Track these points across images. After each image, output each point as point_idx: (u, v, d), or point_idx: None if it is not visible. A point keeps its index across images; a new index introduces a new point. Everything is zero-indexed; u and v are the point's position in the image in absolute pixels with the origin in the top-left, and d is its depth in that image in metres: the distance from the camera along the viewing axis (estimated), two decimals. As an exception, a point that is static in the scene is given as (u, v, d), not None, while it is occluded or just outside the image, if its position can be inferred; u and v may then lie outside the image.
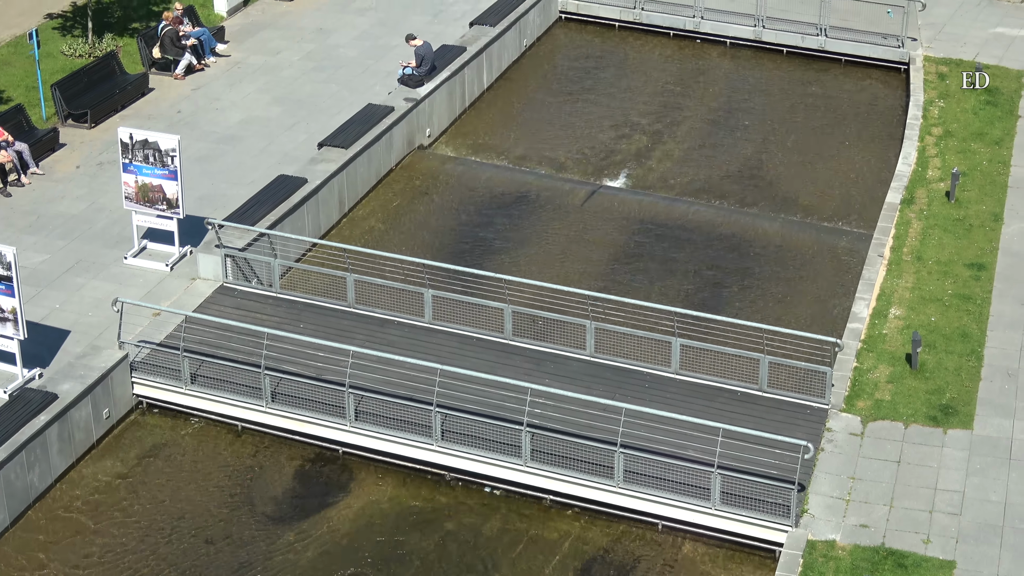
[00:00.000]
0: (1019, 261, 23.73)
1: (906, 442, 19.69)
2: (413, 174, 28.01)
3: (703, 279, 24.78)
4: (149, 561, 18.87)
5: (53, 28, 31.21)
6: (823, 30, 32.21)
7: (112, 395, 21.03)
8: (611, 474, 19.21)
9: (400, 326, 22.42)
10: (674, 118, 30.54)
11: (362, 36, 31.53)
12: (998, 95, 29.05)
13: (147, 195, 23.20)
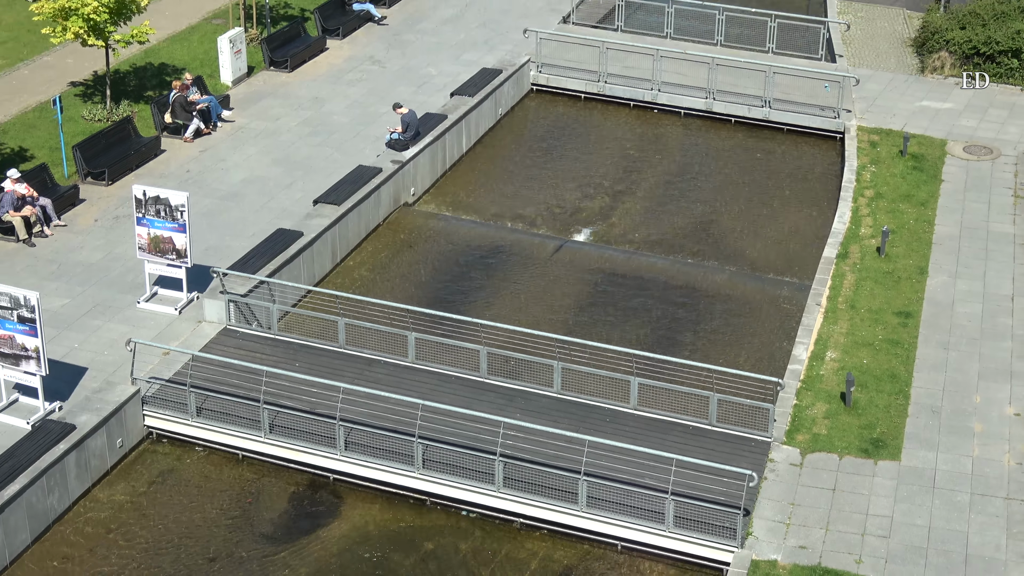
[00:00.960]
0: (942, 310, 23.94)
1: (840, 472, 19.83)
2: (399, 229, 28.10)
3: (659, 324, 24.88)
4: (153, 572, 18.97)
5: (75, 95, 31.25)
6: (768, 102, 32.40)
7: (125, 426, 21.04)
8: (575, 499, 19.28)
9: (386, 365, 22.45)
10: (633, 179, 30.64)
11: (353, 105, 31.63)
12: (923, 161, 29.29)
13: (158, 246, 23.32)
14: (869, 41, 36.03)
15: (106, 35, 28.96)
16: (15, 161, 27.62)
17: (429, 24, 36.54)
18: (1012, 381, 21.98)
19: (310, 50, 34.28)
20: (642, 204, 29.67)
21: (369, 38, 35.48)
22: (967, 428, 20.86)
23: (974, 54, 33.49)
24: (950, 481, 19.71)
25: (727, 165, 31.51)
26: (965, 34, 33.64)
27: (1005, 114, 31.49)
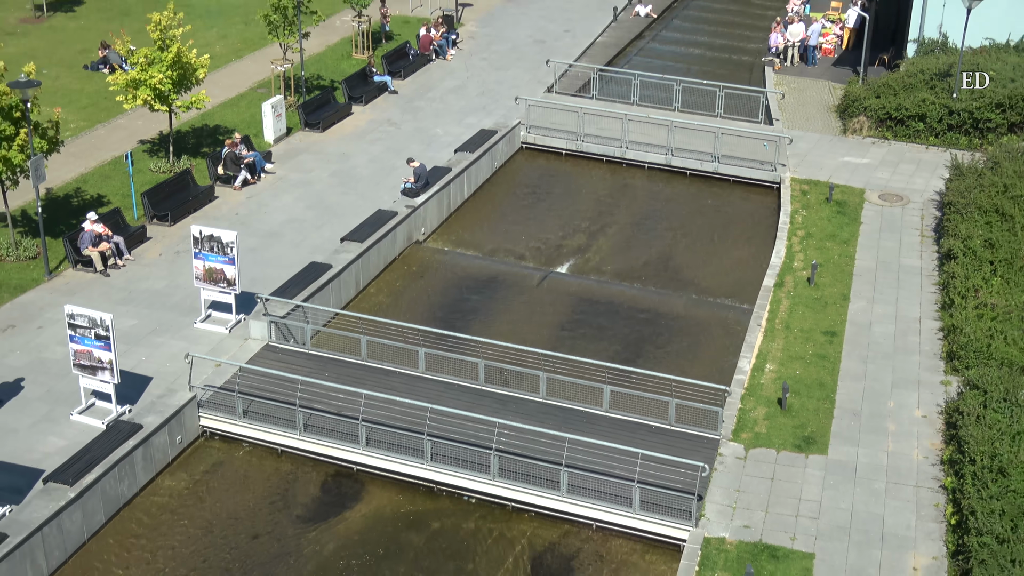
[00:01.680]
0: (861, 330, 24.01)
1: (778, 464, 19.91)
2: (411, 262, 28.15)
3: (627, 341, 24.90)
4: (209, 550, 18.94)
5: (143, 151, 31.40)
6: (716, 158, 32.48)
7: (183, 425, 21.14)
8: (557, 487, 19.36)
9: (400, 375, 22.50)
10: (605, 221, 30.73)
11: (374, 159, 31.74)
12: (846, 207, 29.43)
13: (212, 276, 23.40)
14: (800, 107, 36.23)
15: (169, 102, 29.11)
16: (93, 205, 27.73)
17: (436, 93, 36.71)
18: (919, 389, 22.09)
19: (338, 114, 34.41)
20: (613, 242, 29.75)
21: (387, 104, 35.64)
22: (883, 428, 20.95)
23: (887, 118, 33.69)
24: (869, 472, 19.78)
25: (683, 210, 31.58)
26: (880, 102, 33.83)
27: (913, 168, 31.65)
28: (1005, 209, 26.70)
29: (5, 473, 18.42)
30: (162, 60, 28.53)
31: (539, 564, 18.96)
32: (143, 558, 18.78)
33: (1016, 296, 23.85)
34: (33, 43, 38.94)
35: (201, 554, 18.86)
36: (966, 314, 23.35)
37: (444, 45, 39.83)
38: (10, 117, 24.74)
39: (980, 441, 19.00)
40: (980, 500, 17.80)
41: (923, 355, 23.13)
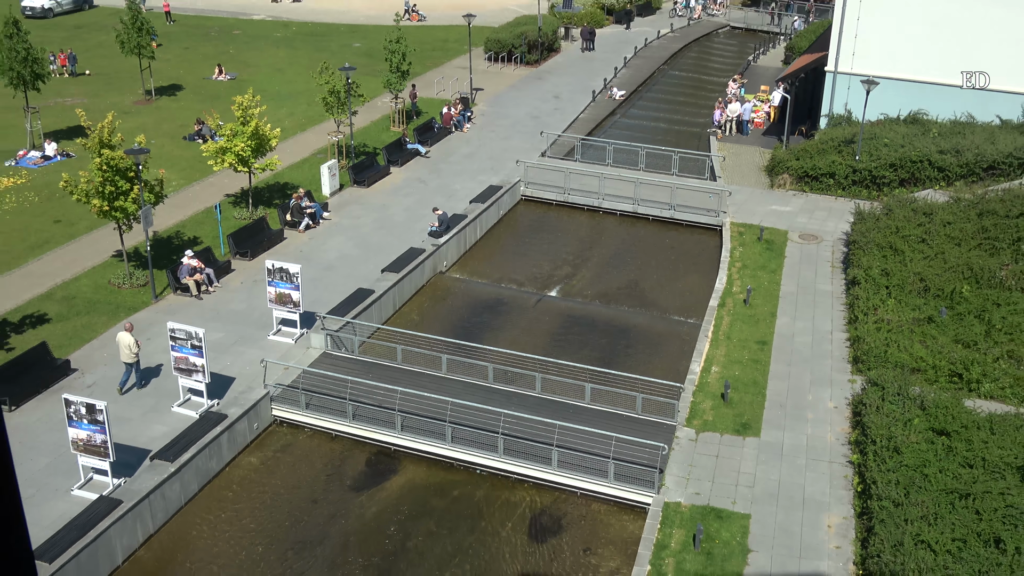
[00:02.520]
0: (786, 340, 24.04)
1: (721, 444, 20.00)
2: (436, 288, 28.26)
3: (604, 349, 24.96)
4: (277, 513, 19.05)
5: (229, 202, 31.56)
6: (672, 206, 32.60)
7: (259, 415, 21.27)
8: (550, 462, 19.47)
9: (427, 376, 22.55)
10: (586, 256, 30.85)
11: (407, 209, 31.86)
12: (773, 244, 29.53)
13: (281, 299, 23.51)
14: (737, 167, 36.40)
15: (249, 165, 29.31)
16: (190, 244, 27.90)
17: (456, 158, 36.94)
18: (831, 386, 22.16)
19: (379, 174, 34.56)
20: (592, 272, 29.81)
21: (417, 166, 35.87)
22: (803, 416, 21.03)
23: (805, 175, 33.85)
24: (792, 450, 19.86)
25: (646, 247, 31.66)
26: (799, 163, 34.01)
27: (825, 214, 31.78)
28: (897, 246, 26.81)
29: (120, 452, 18.48)
30: (243, 132, 28.76)
31: (535, 523, 19.05)
32: (227, 518, 18.89)
33: (906, 313, 23.91)
34: (144, 120, 39.25)
35: (272, 515, 19.00)
36: (867, 327, 23.43)
37: (461, 120, 40.08)
38: (126, 176, 24.94)
39: (879, 426, 19.08)
40: (880, 472, 17.87)
41: (834, 359, 23.19)
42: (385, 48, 38.51)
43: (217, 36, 54.69)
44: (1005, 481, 17.46)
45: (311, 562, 17.83)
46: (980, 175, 31.85)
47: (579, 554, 18.26)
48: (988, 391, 21.19)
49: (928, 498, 17.01)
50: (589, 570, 17.87)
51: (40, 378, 21.31)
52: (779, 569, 16.69)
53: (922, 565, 15.50)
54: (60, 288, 25.77)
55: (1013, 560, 15.65)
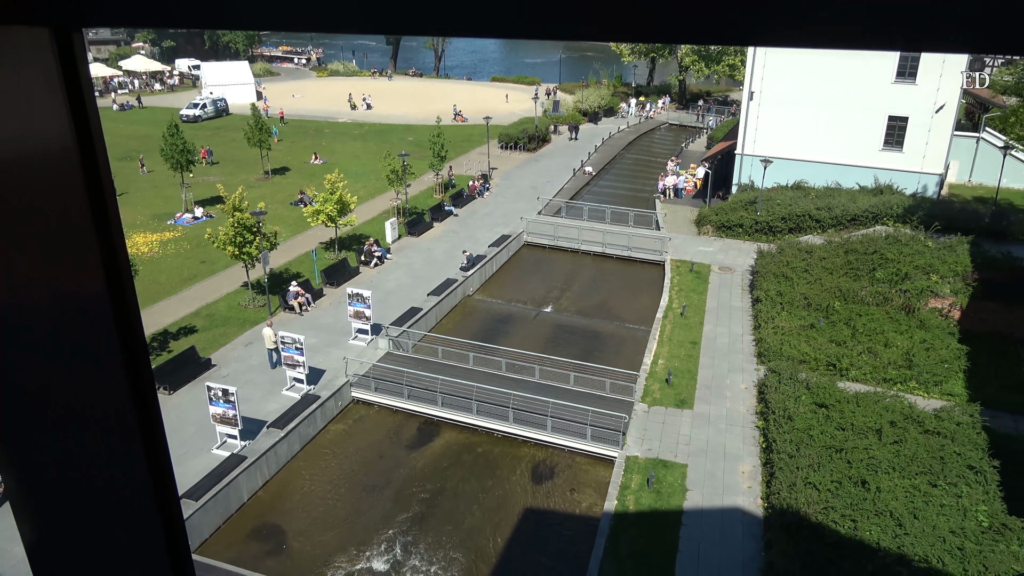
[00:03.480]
0: (710, 341, 23.80)
1: (666, 415, 19.76)
2: (466, 308, 28.11)
3: (583, 348, 24.74)
4: (355, 465, 18.83)
5: (321, 248, 31.46)
6: (630, 248, 32.51)
7: (342, 396, 21.08)
8: (545, 427, 19.26)
9: (459, 368, 22.35)
10: (569, 283, 30.65)
11: (444, 252, 31.77)
12: (700, 275, 29.35)
13: (358, 315, 23.44)
14: (674, 221, 36.30)
15: (335, 221, 29.34)
16: (295, 277, 27.74)
17: (478, 216, 36.93)
18: (743, 373, 21.91)
19: (426, 227, 34.53)
20: (575, 294, 29.62)
21: (452, 221, 35.88)
22: (723, 395, 20.76)
23: (722, 226, 33.73)
24: (716, 419, 19.58)
25: (613, 277, 31.45)
26: (718, 217, 33.90)
27: (737, 252, 31.61)
28: (787, 274, 26.65)
29: (246, 423, 18.41)
30: (332, 199, 28.80)
31: (536, 471, 18.80)
32: (320, 469, 18.71)
33: (795, 322, 23.73)
34: (263, 191, 39.43)
35: (351, 466, 18.81)
36: (768, 332, 23.25)
37: (482, 190, 40.13)
38: (251, 231, 25.01)
39: (776, 401, 18.86)
40: (778, 433, 17.65)
41: (744, 355, 23.00)
42: (430, 140, 38.69)
43: (314, 133, 55.07)
44: (867, 440, 17.22)
45: (379, 499, 17.68)
46: (846, 224, 31.69)
47: (567, 493, 18.09)
48: (854, 376, 20.96)
49: (813, 452, 16.78)
50: (574, 504, 17.69)
51: (190, 371, 21.30)
52: (708, 503, 16.50)
53: (809, 500, 15.27)
54: (204, 308, 25.78)
55: (874, 496, 15.40)
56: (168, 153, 35.02)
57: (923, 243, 27.17)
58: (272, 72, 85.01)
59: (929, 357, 21.44)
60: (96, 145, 1.12)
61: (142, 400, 1.22)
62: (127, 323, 1.20)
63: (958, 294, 24.41)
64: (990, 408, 18.96)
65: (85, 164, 1.11)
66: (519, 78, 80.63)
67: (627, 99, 65.47)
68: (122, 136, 51.81)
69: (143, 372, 1.23)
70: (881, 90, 33.63)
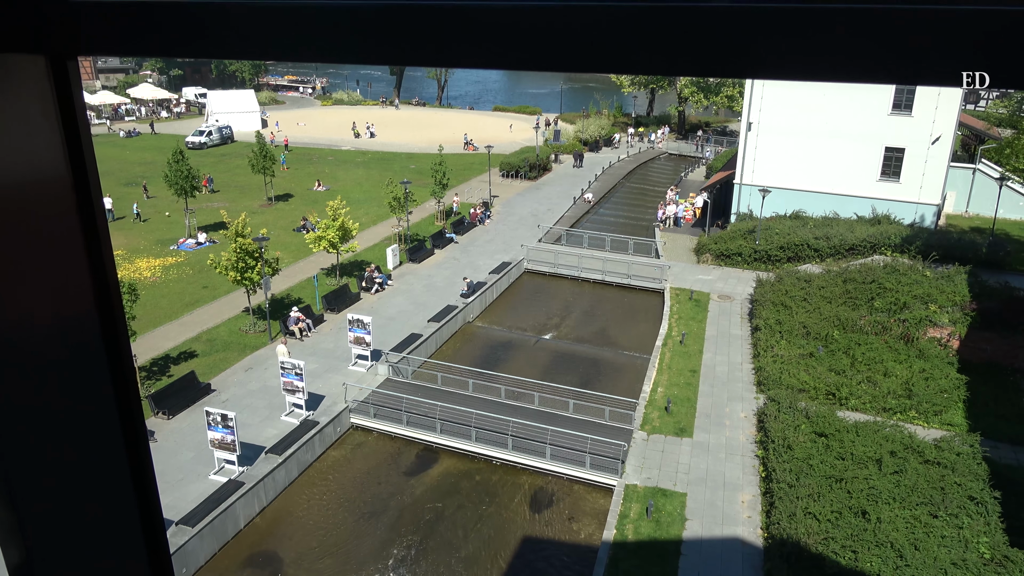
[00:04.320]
0: (710, 369, 23.77)
1: (665, 443, 19.67)
2: (466, 334, 28.10)
3: (583, 375, 24.70)
4: (352, 491, 18.67)
5: (323, 274, 31.50)
6: (629, 276, 32.60)
7: (341, 422, 20.97)
8: (545, 455, 19.16)
9: (459, 394, 22.30)
10: (570, 311, 30.68)
11: (446, 277, 31.83)
12: (700, 303, 29.40)
13: (358, 340, 23.40)
14: (674, 249, 36.45)
15: (337, 248, 29.46)
16: (296, 303, 27.83)
17: (479, 243, 37.10)
18: (742, 402, 21.85)
19: (427, 254, 34.65)
20: (573, 322, 29.63)
21: (453, 249, 36.02)
22: (723, 423, 20.68)
23: (721, 255, 33.85)
24: (716, 448, 19.48)
25: (613, 305, 31.50)
26: (717, 246, 34.05)
27: (736, 281, 31.69)
28: (786, 303, 26.69)
29: (244, 448, 18.30)
30: (334, 226, 28.94)
31: (534, 499, 18.66)
32: (318, 495, 18.57)
33: (794, 351, 23.71)
34: (266, 217, 39.67)
35: (349, 493, 18.66)
36: (767, 360, 23.22)
37: (483, 217, 40.35)
38: (253, 256, 25.13)
39: (776, 430, 18.78)
40: (778, 463, 17.54)
41: (744, 383, 22.94)
42: (432, 168, 39.03)
43: (318, 160, 55.58)
44: (867, 470, 17.12)
45: (377, 526, 17.51)
46: (844, 254, 31.82)
47: (565, 521, 17.93)
48: (853, 405, 20.89)
49: (813, 482, 16.66)
50: (573, 533, 17.52)
51: (190, 396, 21.24)
52: (708, 533, 16.34)
53: (810, 530, 15.13)
54: (205, 333, 25.78)
55: (875, 527, 15.26)
56: (172, 179, 35.32)
57: (921, 273, 27.25)
58: (277, 100, 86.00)
59: (928, 387, 21.39)
60: (88, 171, 1.14)
61: (131, 424, 1.23)
62: (116, 347, 1.21)
63: (956, 324, 24.42)
64: (990, 438, 18.87)
65: (78, 189, 1.13)
66: (521, 108, 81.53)
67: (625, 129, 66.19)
68: (128, 162, 52.29)
69: (131, 396, 1.24)
70: (878, 121, 34.01)
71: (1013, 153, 37.40)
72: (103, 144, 59.51)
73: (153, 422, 20.06)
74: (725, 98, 60.96)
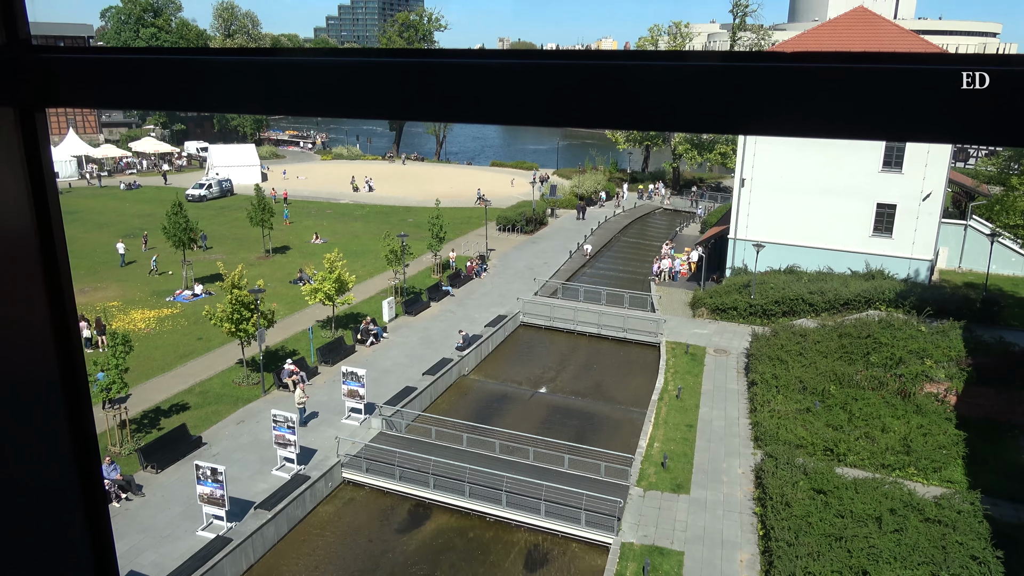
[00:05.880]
0: (706, 424, 23.67)
1: (662, 500, 19.44)
2: (461, 387, 28.03)
3: (578, 430, 24.54)
4: (343, 549, 18.34)
5: (319, 326, 31.57)
6: (625, 330, 32.69)
7: (333, 477, 20.76)
8: (539, 512, 18.91)
9: (453, 449, 22.13)
10: (565, 365, 30.69)
11: (441, 330, 31.88)
12: (695, 357, 29.45)
13: (352, 393, 23.36)
14: (669, 303, 36.64)
15: (333, 300, 29.59)
16: (290, 355, 27.86)
17: (475, 296, 37.30)
18: (739, 457, 21.70)
19: (423, 307, 34.82)
20: (569, 375, 29.60)
21: (449, 302, 36.19)
22: (720, 479, 20.49)
23: (716, 309, 34.03)
24: (714, 505, 19.26)
25: (608, 359, 31.50)
26: (712, 300, 34.27)
27: (732, 335, 31.79)
28: (782, 357, 26.73)
29: (233, 503, 18.03)
30: (330, 278, 29.14)
31: (529, 557, 18.34)
32: (307, 552, 18.22)
33: (791, 405, 23.65)
34: (263, 269, 39.91)
35: (339, 550, 18.32)
36: (764, 415, 23.14)
37: (480, 271, 40.66)
38: (249, 308, 25.24)
39: (774, 487, 18.59)
40: (776, 521, 17.32)
41: (741, 438, 22.81)
42: (429, 222, 39.52)
43: (316, 213, 56.26)
44: (867, 528, 16.89)
45: (366, 586, 17.12)
46: (839, 308, 32.03)
47: (561, 581, 17.54)
48: (852, 461, 20.73)
49: (812, 540, 16.42)
50: (568, 593, 17.13)
51: (180, 449, 21.03)
52: (706, 593, 15.99)
53: (810, 590, 14.83)
54: (198, 385, 25.67)
55: (876, 587, 14.98)
56: (171, 231, 35.69)
57: (916, 327, 27.41)
58: (278, 155, 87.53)
59: (927, 443, 21.28)
60: (53, 221, 1.13)
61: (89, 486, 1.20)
62: (76, 401, 1.19)
63: (953, 379, 24.45)
64: (991, 496, 18.69)
65: (42, 240, 1.12)
66: (519, 163, 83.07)
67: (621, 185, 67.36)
68: (127, 214, 52.87)
69: (91, 452, 1.20)
70: (869, 178, 34.71)
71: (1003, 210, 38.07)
72: (103, 196, 60.26)
73: (142, 476, 19.80)
74: (719, 155, 62.23)
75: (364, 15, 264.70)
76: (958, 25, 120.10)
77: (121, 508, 18.32)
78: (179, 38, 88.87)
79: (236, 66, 0.95)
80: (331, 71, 0.90)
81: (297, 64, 0.92)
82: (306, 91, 0.91)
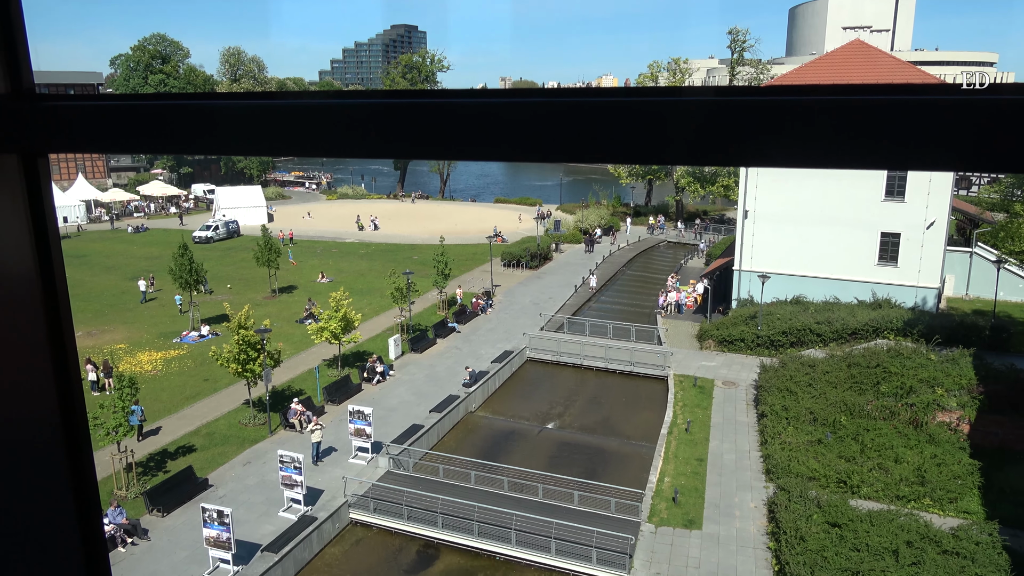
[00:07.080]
0: (717, 458, 23.47)
1: (674, 536, 19.21)
2: (468, 424, 27.91)
3: (587, 465, 24.32)
4: (353, 592, 18.09)
5: (325, 365, 31.60)
6: (632, 363, 32.62)
7: (340, 518, 20.60)
8: (550, 550, 18.68)
9: (461, 487, 21.97)
10: (573, 400, 30.54)
11: (448, 367, 31.86)
12: (704, 389, 29.32)
13: (359, 432, 23.29)
14: (676, 336, 36.59)
15: (339, 339, 29.69)
16: (297, 395, 27.81)
17: (481, 332, 37.34)
18: (751, 491, 21.46)
19: (429, 344, 34.85)
20: (578, 410, 29.44)
21: (454, 338, 36.23)
22: (732, 513, 20.25)
23: (723, 340, 33.96)
24: (726, 540, 19.01)
25: (614, 392, 31.34)
26: (719, 332, 34.21)
27: (740, 367, 31.66)
28: (791, 388, 26.59)
29: (240, 546, 17.89)
30: (336, 317, 29.30)
31: (540, 598, 18.08)
32: (314, 596, 17.98)
33: (802, 437, 23.46)
34: (269, 309, 40.12)
35: (347, 594, 18.05)
36: (775, 448, 22.94)
37: (485, 306, 40.77)
38: (255, 348, 25.35)
39: (788, 521, 18.36)
40: (791, 555, 17.07)
41: (752, 471, 22.59)
42: (434, 259, 39.79)
43: (322, 253, 56.72)
44: (884, 561, 16.62)
45: (375, 630, 16.85)
46: (847, 338, 31.93)
47: (573, 622, 17.23)
48: (866, 493, 20.48)
49: (827, 575, 16.15)
50: (580, 634, 16.81)
51: (186, 492, 20.94)
52: (721, 632, 15.70)
53: (827, 627, 14.54)
54: (205, 426, 25.65)
55: (895, 623, 14.69)
56: (177, 273, 36.06)
57: (925, 356, 27.27)
58: (284, 196, 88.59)
59: (941, 473, 21.03)
60: (55, 266, 1.13)
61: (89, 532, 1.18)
62: (77, 445, 1.17)
63: (965, 407, 24.25)
64: (1009, 526, 18.39)
65: (44, 285, 1.12)
66: (522, 199, 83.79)
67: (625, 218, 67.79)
68: (135, 256, 53.41)
69: (91, 496, 1.20)
70: (872, 208, 34.90)
71: (1008, 236, 38.14)
72: (111, 240, 60.95)
73: (148, 520, 19.69)
74: (721, 187, 62.69)
75: (368, 58, 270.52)
76: (955, 56, 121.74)
77: (127, 553, 18.19)
78: (187, 83, 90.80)
79: (238, 110, 0.96)
80: (336, 112, 0.91)
81: (302, 107, 0.93)
82: (311, 132, 0.93)
